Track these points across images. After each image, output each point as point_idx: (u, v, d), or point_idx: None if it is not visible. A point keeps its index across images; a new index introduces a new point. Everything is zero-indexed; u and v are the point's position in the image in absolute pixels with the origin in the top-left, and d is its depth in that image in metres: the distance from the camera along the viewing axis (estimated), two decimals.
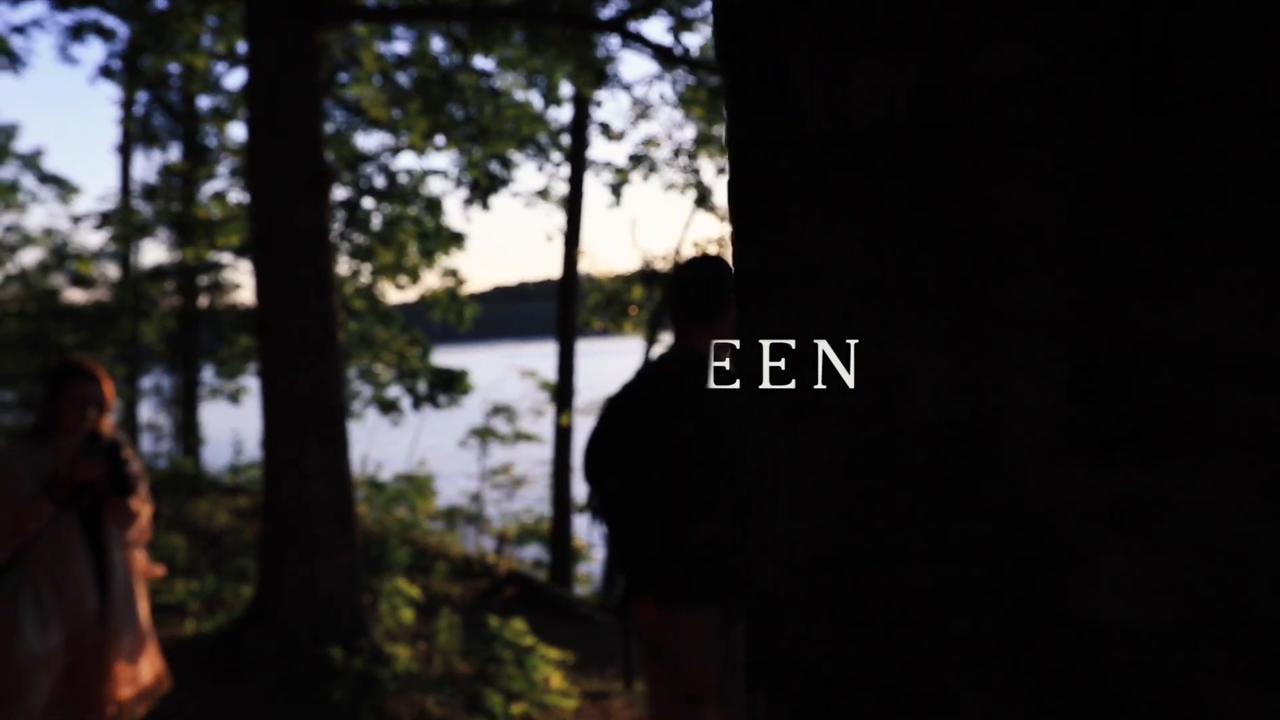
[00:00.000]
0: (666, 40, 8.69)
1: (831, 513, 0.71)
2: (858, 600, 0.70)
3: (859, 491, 0.70)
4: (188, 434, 18.32)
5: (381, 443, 17.64)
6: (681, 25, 8.64)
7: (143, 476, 3.72)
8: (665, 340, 15.55)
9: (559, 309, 14.75)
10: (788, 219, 0.74)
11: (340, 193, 14.43)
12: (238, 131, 17.76)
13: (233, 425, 18.00)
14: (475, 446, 19.87)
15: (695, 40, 9.59)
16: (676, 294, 3.10)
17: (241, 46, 13.34)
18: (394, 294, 18.35)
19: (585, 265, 14.92)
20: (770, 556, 0.77)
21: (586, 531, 18.90)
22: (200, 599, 7.76)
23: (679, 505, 2.82)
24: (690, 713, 2.95)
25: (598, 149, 31.72)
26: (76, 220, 15.46)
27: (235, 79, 44.26)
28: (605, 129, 15.73)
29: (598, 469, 3.00)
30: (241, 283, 18.43)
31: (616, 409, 3.02)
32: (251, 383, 18.70)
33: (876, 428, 0.69)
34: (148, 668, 3.76)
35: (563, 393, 14.51)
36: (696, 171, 15.25)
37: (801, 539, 0.74)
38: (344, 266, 15.33)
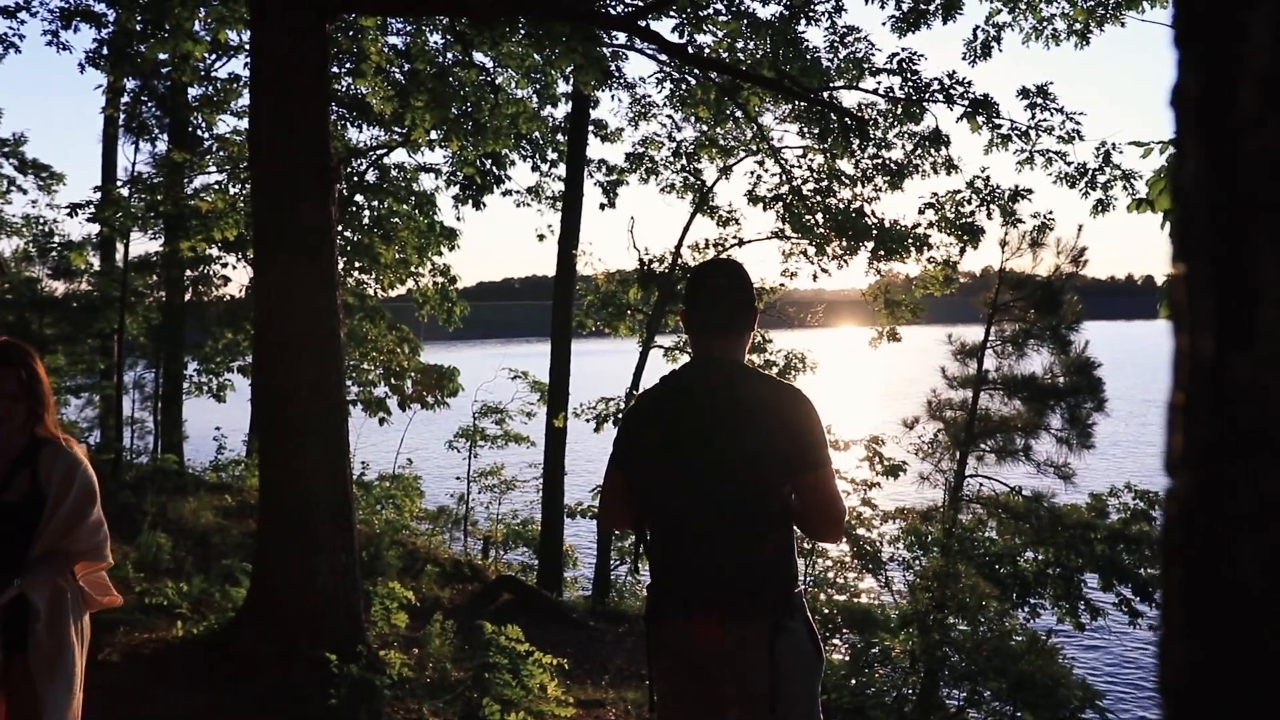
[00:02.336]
0: (675, 40, 8.54)
1: None
2: None
3: None
4: (171, 430, 18.04)
5: (367, 442, 17.45)
6: (693, 24, 8.54)
7: (89, 498, 3.28)
8: (661, 343, 15.42)
9: (554, 309, 14.60)
10: None
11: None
12: (229, 123, 17.52)
13: (215, 421, 17.78)
14: (463, 447, 19.72)
15: (706, 39, 9.46)
16: (711, 298, 2.95)
17: (234, 36, 13.17)
18: (381, 290, 18.16)
19: (582, 266, 14.79)
20: None
21: (577, 536, 18.81)
22: (189, 600, 7.56)
23: (748, 518, 2.74)
24: None
25: (595, 149, 31.63)
26: (72, 211, 15.15)
27: (228, 69, 43.87)
28: (603, 128, 15.62)
29: (658, 484, 2.86)
30: (230, 277, 18.15)
31: (666, 421, 2.88)
32: (237, 379, 18.46)
33: None
34: None
35: (556, 394, 14.35)
36: (698, 173, 15.16)
37: None
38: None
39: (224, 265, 17.78)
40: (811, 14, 10.12)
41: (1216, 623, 0.43)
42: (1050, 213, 13.87)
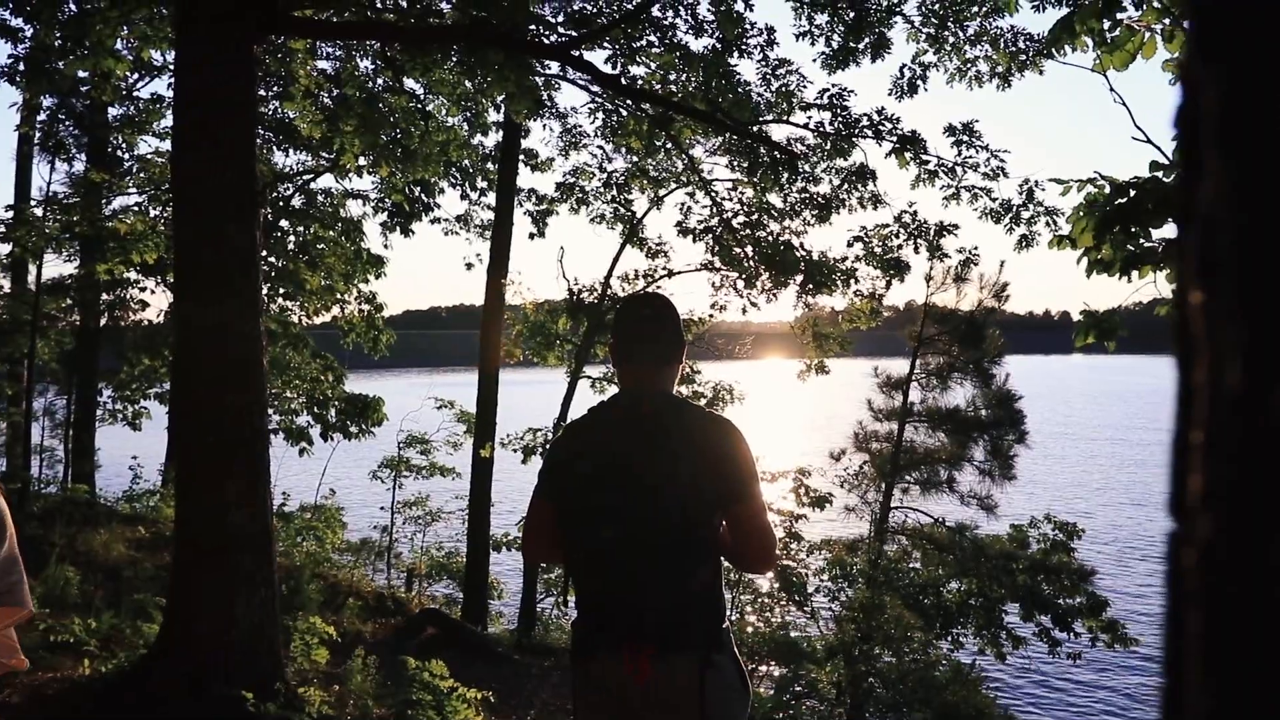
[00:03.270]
0: (608, 71, 8.57)
1: None
2: None
3: None
4: (82, 459, 17.45)
5: (288, 473, 17.07)
6: (626, 56, 8.57)
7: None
8: (590, 373, 15.37)
9: (482, 339, 14.47)
10: None
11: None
12: (151, 143, 17.12)
13: (130, 450, 17.26)
14: (388, 478, 19.38)
15: (639, 71, 9.50)
16: (638, 329, 2.95)
17: (158, 56, 12.90)
18: (305, 318, 17.85)
19: (510, 295, 14.69)
20: None
21: (503, 568, 18.57)
22: (97, 637, 7.27)
23: (677, 551, 2.70)
24: None
25: (526, 178, 31.67)
26: None
27: (151, 89, 43.07)
28: (534, 157, 15.59)
29: (586, 515, 2.80)
30: (149, 301, 17.66)
31: (595, 453, 2.84)
32: (154, 407, 17.95)
33: None
34: None
35: (483, 424, 14.20)
36: (628, 204, 15.19)
37: None
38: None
39: (142, 289, 17.31)
40: (744, 47, 10.23)
41: (1249, 674, 0.40)
42: (975, 248, 14.17)
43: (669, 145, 12.22)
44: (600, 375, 15.53)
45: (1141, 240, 6.45)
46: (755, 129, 10.13)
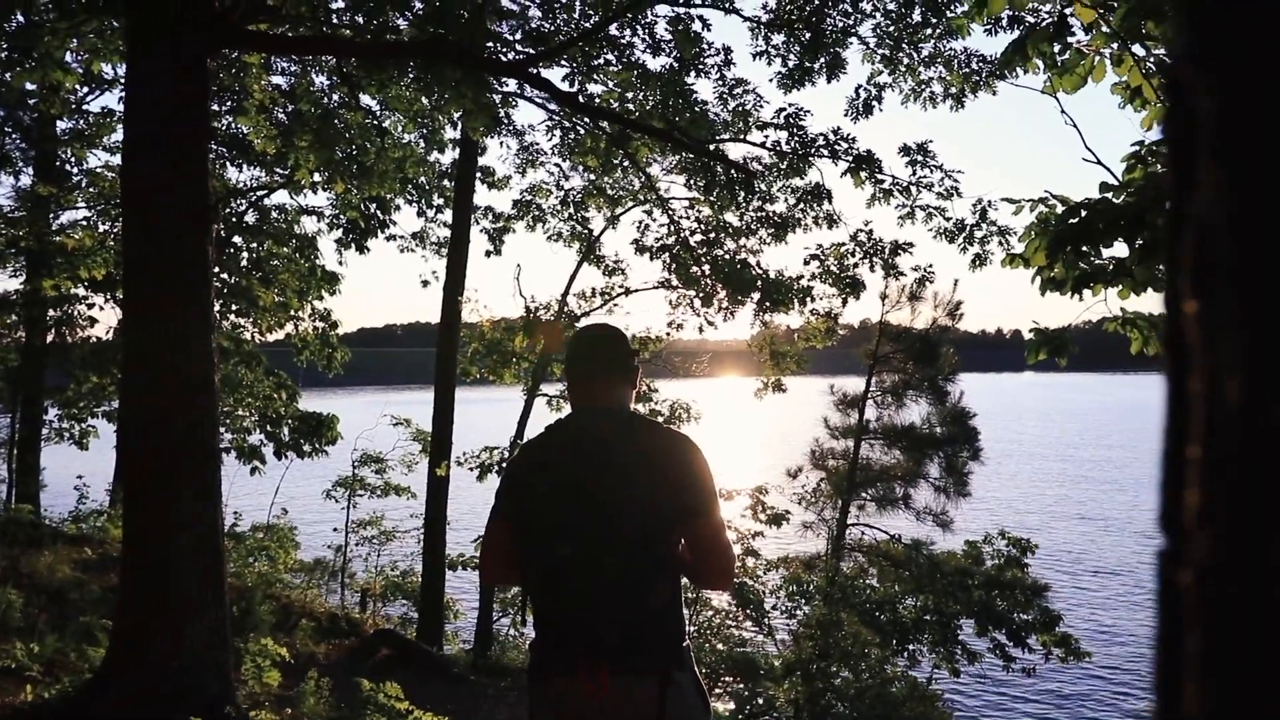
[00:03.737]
0: (566, 89, 8.56)
1: None
2: None
3: None
4: (27, 478, 17.05)
5: (240, 492, 16.82)
6: (584, 74, 8.57)
7: None
8: (546, 391, 15.31)
9: (438, 356, 14.36)
10: None
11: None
12: (101, 157, 16.87)
13: (76, 469, 16.91)
14: (342, 497, 19.16)
15: (597, 89, 9.52)
16: (590, 349, 3.01)
17: (109, 69, 12.72)
18: (259, 335, 17.62)
19: (467, 312, 14.60)
20: None
21: (459, 588, 18.40)
22: (41, 661, 7.08)
23: (637, 568, 2.68)
24: None
25: (483, 195, 31.60)
26: None
27: (101, 103, 42.48)
28: (490, 175, 15.56)
29: (543, 534, 2.77)
30: (97, 318, 17.32)
31: (554, 470, 2.82)
32: (102, 425, 17.61)
33: None
34: None
35: (439, 443, 14.07)
36: (585, 222, 15.18)
37: None
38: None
39: (91, 305, 16.99)
40: (701, 67, 10.28)
41: (1250, 696, 0.38)
42: (930, 266, 14.32)
43: (626, 163, 12.25)
44: (557, 393, 15.47)
45: (1092, 259, 6.55)
46: (712, 147, 10.17)
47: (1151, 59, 6.79)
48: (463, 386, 15.11)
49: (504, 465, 13.94)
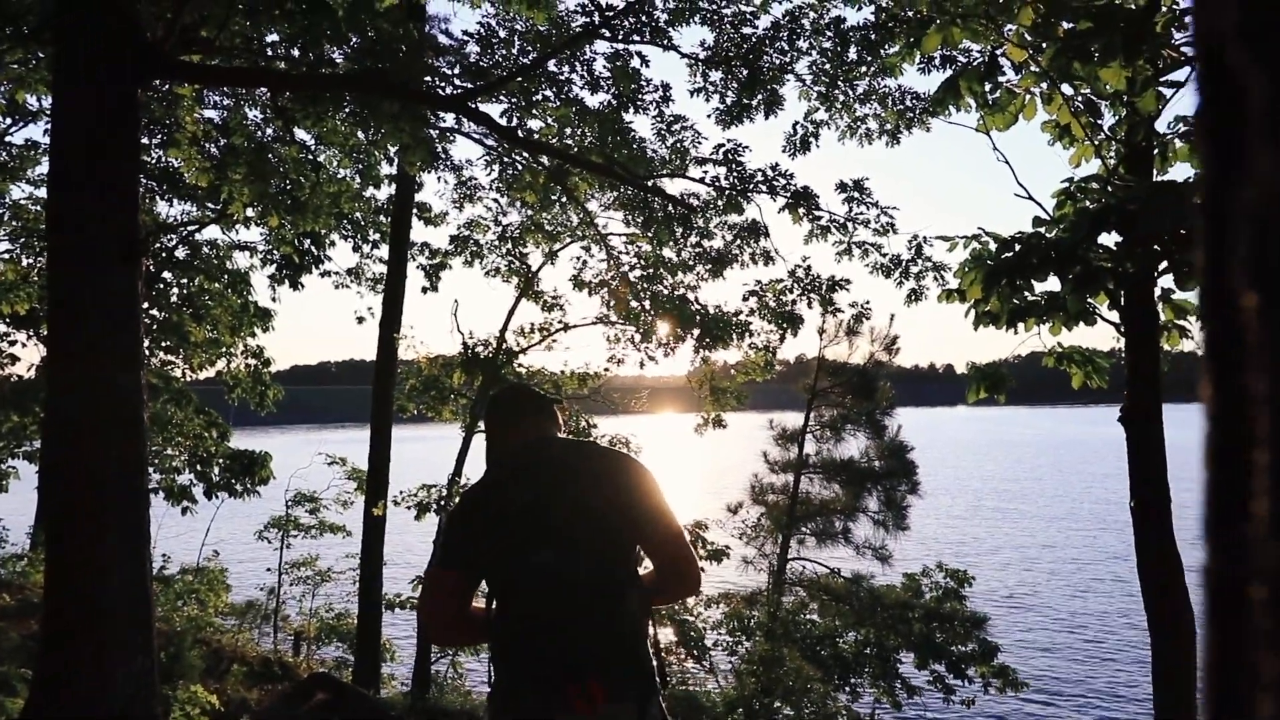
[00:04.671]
0: (505, 124, 8.55)
1: None
2: None
3: None
4: None
5: (169, 534, 16.38)
6: (523, 109, 8.56)
7: None
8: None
9: (375, 393, 14.15)
10: None
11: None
12: (25, 189, 16.42)
13: None
14: (275, 538, 18.74)
15: (536, 124, 9.51)
16: (522, 395, 3.19)
17: (33, 100, 12.44)
18: (189, 372, 17.24)
19: (403, 349, 14.42)
20: None
21: (396, 629, 18.06)
22: None
23: (616, 588, 2.67)
24: None
25: (419, 231, 31.26)
26: None
27: (25, 134, 41.57)
28: (427, 211, 15.46)
29: (511, 567, 2.69)
30: (18, 355, 16.80)
31: (518, 501, 2.75)
32: (22, 466, 17.06)
33: None
34: None
35: (376, 481, 13.83)
36: (523, 257, 15.13)
37: None
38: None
39: (12, 342, 16.49)
40: (640, 103, 10.33)
41: None
42: (867, 302, 14.48)
43: (565, 199, 12.23)
44: None
45: (1026, 294, 6.66)
46: (651, 182, 10.20)
47: (1079, 98, 6.97)
48: (400, 424, 14.91)
49: (442, 505, 13.75)
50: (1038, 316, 6.74)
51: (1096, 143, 7.01)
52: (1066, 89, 6.69)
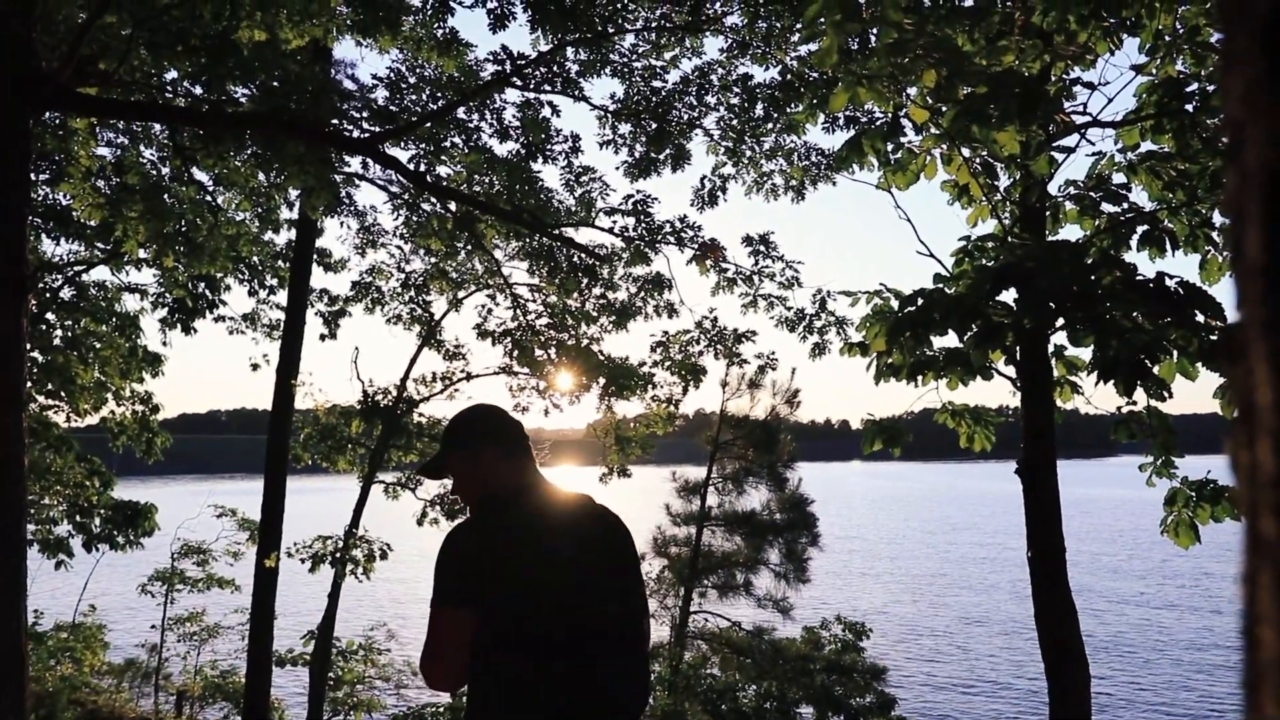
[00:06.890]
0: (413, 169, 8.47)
1: None
2: None
3: None
4: None
5: (42, 589, 15.57)
6: (432, 154, 8.49)
7: None
8: (383, 478, 14.81)
9: (270, 442, 13.74)
10: None
11: None
12: None
13: None
14: (159, 592, 17.97)
15: (444, 171, 9.44)
16: (518, 428, 3.07)
17: None
18: (71, 417, 16.51)
19: (301, 398, 14.05)
20: None
21: (286, 687, 17.39)
22: None
23: (636, 631, 2.73)
24: None
25: (319, 278, 30.75)
26: None
27: None
28: (327, 256, 15.20)
29: (535, 606, 2.56)
30: None
31: (532, 544, 2.65)
32: None
33: None
34: None
35: (268, 533, 13.39)
36: (426, 305, 14.94)
37: None
38: None
39: None
40: (549, 153, 10.35)
41: None
42: (773, 353, 14.65)
43: (470, 246, 12.14)
44: (394, 480, 14.97)
45: (926, 349, 6.81)
46: (560, 231, 10.20)
47: (978, 160, 7.20)
48: (294, 474, 14.49)
49: (337, 558, 13.35)
50: (936, 371, 6.90)
51: (993, 203, 7.24)
52: (965, 151, 6.91)
